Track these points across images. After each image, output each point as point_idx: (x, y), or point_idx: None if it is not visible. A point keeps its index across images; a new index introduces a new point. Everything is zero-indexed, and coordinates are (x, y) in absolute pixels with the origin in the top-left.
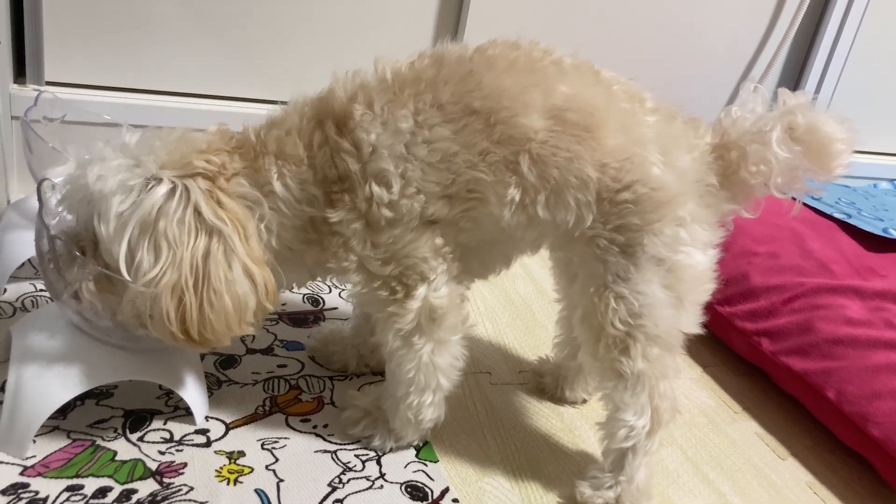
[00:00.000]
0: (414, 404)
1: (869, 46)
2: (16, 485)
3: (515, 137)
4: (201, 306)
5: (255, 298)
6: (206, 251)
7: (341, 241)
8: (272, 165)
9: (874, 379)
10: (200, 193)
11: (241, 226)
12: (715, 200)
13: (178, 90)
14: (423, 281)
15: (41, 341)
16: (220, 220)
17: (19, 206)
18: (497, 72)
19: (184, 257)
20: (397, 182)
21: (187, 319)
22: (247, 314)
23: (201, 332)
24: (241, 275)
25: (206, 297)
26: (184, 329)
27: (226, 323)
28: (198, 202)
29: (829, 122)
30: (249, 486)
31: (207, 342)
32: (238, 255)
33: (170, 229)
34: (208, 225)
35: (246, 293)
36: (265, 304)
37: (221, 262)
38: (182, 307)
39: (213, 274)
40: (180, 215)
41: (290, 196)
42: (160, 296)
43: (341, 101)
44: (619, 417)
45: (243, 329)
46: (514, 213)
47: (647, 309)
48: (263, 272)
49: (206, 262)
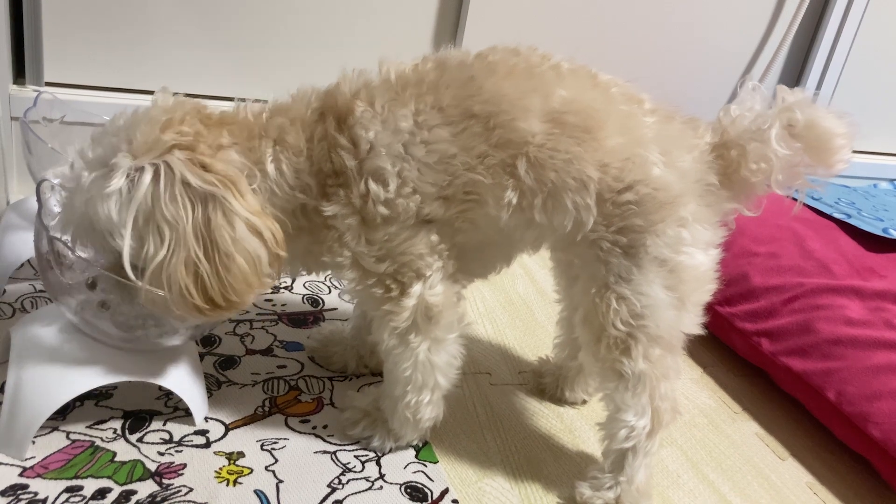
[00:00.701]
0: (412, 403)
1: (869, 46)
2: (15, 486)
3: (513, 141)
4: (218, 272)
5: (265, 250)
6: (206, 218)
7: (336, 235)
8: (268, 148)
9: (874, 379)
10: (182, 165)
11: (231, 183)
12: (716, 200)
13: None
14: (418, 278)
15: (40, 342)
16: (209, 183)
17: (19, 207)
18: (497, 77)
19: (187, 231)
20: (394, 181)
21: (208, 288)
22: (262, 266)
23: (225, 297)
24: (246, 231)
25: (220, 261)
26: (208, 298)
27: (245, 281)
28: (183, 174)
29: (829, 118)
30: (249, 486)
31: (234, 305)
32: (237, 213)
33: (166, 209)
34: (200, 192)
35: (256, 248)
36: (277, 252)
37: (224, 225)
38: (199, 279)
39: (220, 238)
40: (170, 193)
41: (283, 181)
42: (175, 274)
43: (345, 97)
44: (619, 418)
45: (263, 282)
46: (512, 215)
47: (648, 310)
48: (266, 222)
49: (209, 228)
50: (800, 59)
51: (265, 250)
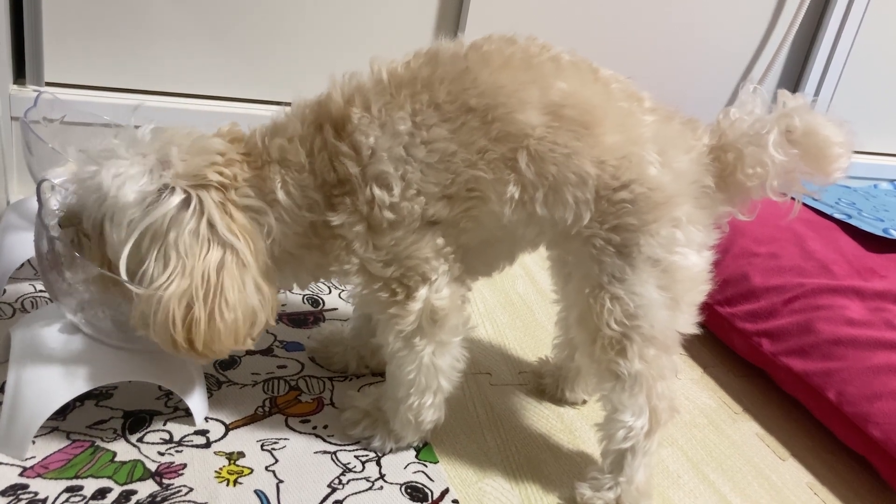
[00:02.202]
0: (414, 406)
1: (869, 47)
2: (15, 486)
3: (513, 134)
4: (211, 317)
5: (264, 314)
6: (221, 264)
7: (343, 243)
8: (276, 174)
9: (874, 380)
10: (214, 206)
11: (251, 241)
12: (711, 202)
13: (178, 91)
14: (424, 282)
15: (40, 342)
16: (233, 234)
17: (19, 207)
18: (492, 68)
19: (195, 267)
20: (398, 184)
21: (193, 329)
22: (255, 328)
23: (206, 343)
24: (253, 289)
25: (218, 308)
26: (188, 338)
27: (233, 335)
28: (211, 215)
29: (828, 125)
30: (249, 486)
31: (210, 353)
32: (251, 270)
33: (181, 239)
34: (221, 238)
35: (256, 307)
36: (270, 321)
37: (236, 276)
38: (190, 316)
39: (228, 287)
40: (193, 226)
41: (293, 203)
42: (168, 303)
43: (338, 105)
44: (617, 418)
45: (246, 343)
46: (514, 210)
47: (642, 310)
48: (270, 289)
49: (219, 274)
50: (800, 59)
51: (264, 314)
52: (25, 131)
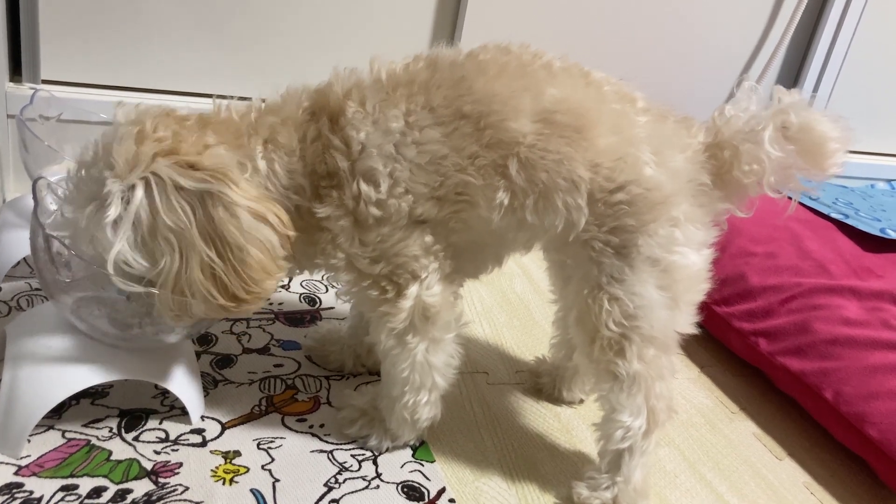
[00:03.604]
0: (410, 404)
1: (867, 46)
2: (10, 484)
3: (504, 141)
4: (234, 268)
5: (275, 234)
6: (209, 216)
7: (329, 237)
8: (257, 146)
9: (871, 379)
10: (170, 170)
11: (223, 175)
12: (708, 200)
13: (175, 89)
14: (414, 280)
15: (36, 340)
16: (201, 181)
17: (15, 205)
18: (488, 77)
19: (193, 234)
20: (385, 181)
21: (229, 286)
22: (276, 251)
23: (247, 290)
24: (252, 220)
25: (234, 256)
26: (230, 296)
27: (264, 269)
28: (173, 178)
29: (823, 121)
30: (245, 485)
31: (258, 296)
32: (238, 203)
33: (167, 218)
34: (195, 192)
35: (266, 234)
36: (287, 233)
37: (229, 219)
38: (217, 279)
39: (228, 233)
40: (166, 200)
41: (276, 181)
42: (194, 280)
43: (337, 97)
44: (615, 418)
45: (280, 266)
46: (504, 216)
47: (641, 310)
48: (269, 206)
49: (214, 226)
50: (798, 58)
51: (275, 234)
52: (21, 129)
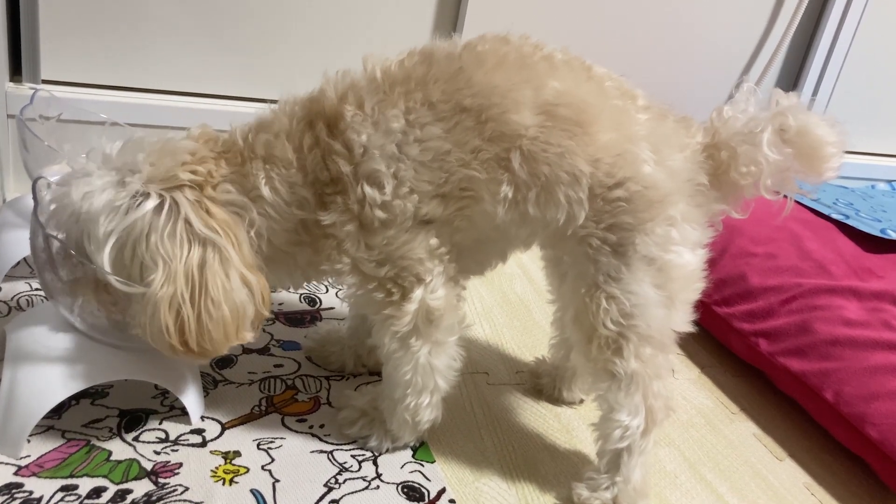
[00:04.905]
0: (411, 406)
1: (867, 47)
2: (10, 485)
3: (506, 134)
4: (199, 317)
5: (252, 306)
6: (202, 262)
7: (335, 243)
8: (260, 170)
9: (872, 380)
10: (189, 205)
11: (232, 234)
12: (705, 200)
13: (175, 89)
14: (419, 283)
15: (36, 340)
16: (211, 230)
17: (15, 205)
18: (486, 68)
19: (178, 270)
20: (390, 182)
21: (186, 331)
22: (245, 322)
23: (200, 343)
24: (239, 283)
25: (205, 307)
26: (182, 341)
27: (224, 332)
28: (187, 214)
29: (821, 125)
30: (245, 486)
31: (206, 353)
32: (234, 263)
33: (161, 244)
34: (200, 236)
35: (244, 301)
36: (262, 311)
37: (218, 272)
38: (180, 319)
39: (211, 284)
40: (170, 229)
41: (280, 200)
42: (157, 310)
43: (332, 102)
44: (613, 418)
45: (241, 337)
46: (508, 210)
47: (638, 309)
48: (258, 279)
49: (202, 272)
50: (798, 58)
51: (252, 306)
52: (21, 129)
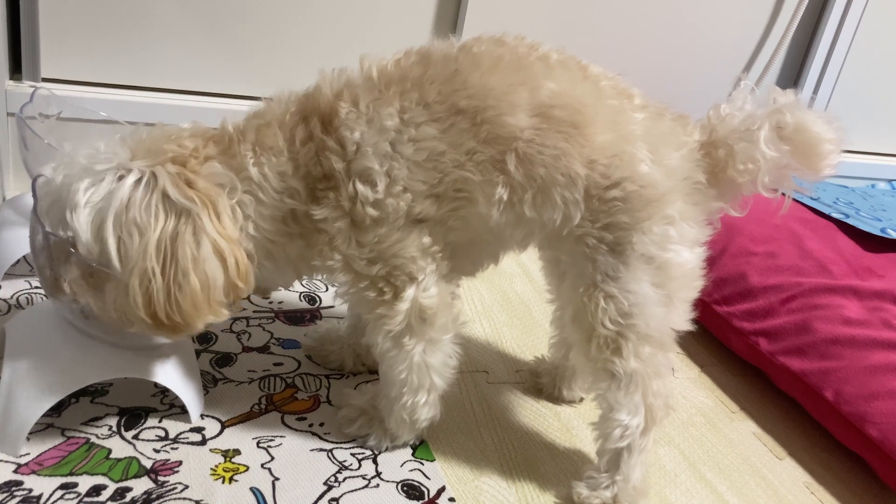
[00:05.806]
0: (408, 404)
1: (867, 47)
2: (9, 482)
3: (502, 136)
4: (168, 289)
5: (223, 276)
6: (175, 232)
7: (326, 238)
8: (248, 152)
9: (872, 379)
10: (168, 177)
11: (210, 203)
12: (703, 198)
13: (175, 87)
14: (411, 281)
15: (36, 338)
16: (187, 199)
17: (14, 203)
18: (482, 70)
19: (150, 242)
20: (382, 180)
21: (153, 302)
22: (215, 292)
23: (170, 316)
24: (210, 252)
25: (174, 278)
26: (151, 313)
27: (193, 304)
28: (165, 186)
29: (818, 122)
30: (245, 484)
31: (178, 327)
32: (207, 232)
33: (138, 217)
34: (177, 206)
35: (214, 271)
36: (236, 282)
37: (189, 242)
38: (148, 293)
39: (181, 253)
40: (147, 201)
41: (268, 185)
42: (129, 283)
43: (327, 99)
44: (613, 417)
45: (214, 310)
46: (503, 212)
47: (637, 308)
48: (235, 249)
49: (173, 243)
50: (798, 57)
51: (223, 276)
52: (21, 127)
